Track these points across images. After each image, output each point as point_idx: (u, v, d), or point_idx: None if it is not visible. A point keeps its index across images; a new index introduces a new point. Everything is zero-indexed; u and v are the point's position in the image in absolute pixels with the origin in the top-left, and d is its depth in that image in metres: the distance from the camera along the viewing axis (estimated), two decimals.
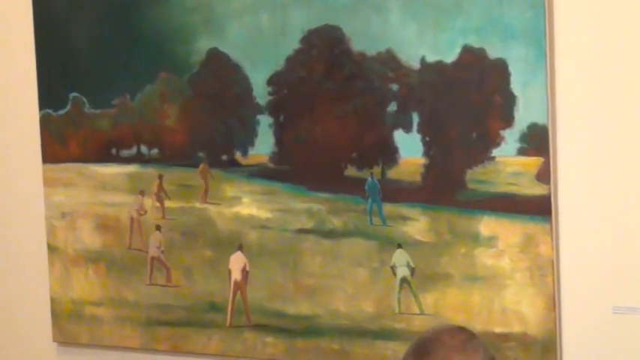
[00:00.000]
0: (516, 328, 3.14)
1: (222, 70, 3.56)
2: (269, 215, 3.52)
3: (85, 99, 3.83)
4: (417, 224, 3.28)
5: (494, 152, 3.14)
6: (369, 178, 3.35)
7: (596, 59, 3.01)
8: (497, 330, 3.17)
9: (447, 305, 3.24)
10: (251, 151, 3.54)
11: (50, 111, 3.90)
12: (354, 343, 3.40)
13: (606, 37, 3.00)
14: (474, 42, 3.14)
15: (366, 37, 3.30)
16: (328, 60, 3.37)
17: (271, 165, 3.51)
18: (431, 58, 3.20)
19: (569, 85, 3.04)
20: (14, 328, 4.13)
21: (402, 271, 3.31)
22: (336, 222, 3.41)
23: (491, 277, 3.17)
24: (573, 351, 3.10)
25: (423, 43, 3.21)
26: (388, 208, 3.32)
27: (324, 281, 3.43)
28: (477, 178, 3.17)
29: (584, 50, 3.02)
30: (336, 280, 3.42)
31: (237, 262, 3.58)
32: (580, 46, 3.03)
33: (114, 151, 3.80)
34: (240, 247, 3.57)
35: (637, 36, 2.96)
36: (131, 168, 3.77)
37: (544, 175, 3.07)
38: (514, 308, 3.15)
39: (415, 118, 3.25)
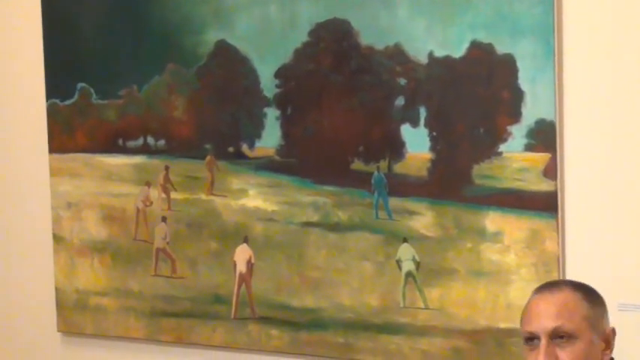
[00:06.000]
0: None
1: (230, 63, 3.56)
2: (275, 208, 3.52)
3: (92, 89, 3.83)
4: (423, 219, 3.28)
5: (502, 148, 3.14)
6: (376, 172, 3.35)
7: (604, 55, 3.01)
8: (502, 325, 3.17)
9: (452, 300, 3.24)
10: (258, 144, 3.54)
11: (57, 101, 3.90)
12: (359, 336, 3.40)
13: (614, 34, 2.99)
14: (483, 37, 3.13)
15: (374, 31, 3.30)
16: (336, 53, 3.37)
17: (278, 158, 3.51)
18: (439, 53, 3.20)
19: (577, 82, 3.04)
20: (19, 318, 4.14)
21: (408, 266, 3.31)
22: (342, 215, 3.41)
23: (496, 273, 3.17)
24: None
25: (431, 38, 3.21)
26: (394, 202, 3.32)
27: (330, 274, 3.43)
28: (484, 173, 3.17)
29: (593, 46, 3.02)
30: (342, 274, 3.42)
31: (242, 254, 3.59)
32: (588, 43, 3.02)
33: (120, 141, 3.80)
34: (246, 240, 3.57)
35: None
36: (137, 159, 3.77)
37: (551, 171, 3.07)
38: (519, 304, 3.11)
39: (422, 113, 3.25)
